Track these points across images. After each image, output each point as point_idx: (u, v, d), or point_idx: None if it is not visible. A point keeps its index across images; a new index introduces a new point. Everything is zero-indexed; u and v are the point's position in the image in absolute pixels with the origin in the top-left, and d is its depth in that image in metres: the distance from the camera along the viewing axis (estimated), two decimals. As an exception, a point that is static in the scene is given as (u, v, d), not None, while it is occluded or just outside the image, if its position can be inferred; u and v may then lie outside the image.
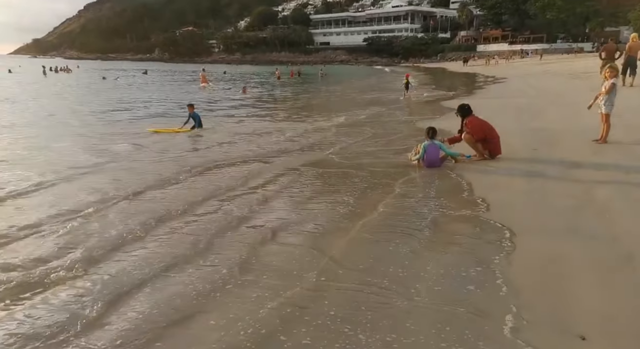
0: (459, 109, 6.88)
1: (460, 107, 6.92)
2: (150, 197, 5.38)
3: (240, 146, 8.68)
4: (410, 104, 16.57)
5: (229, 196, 5.39)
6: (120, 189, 5.57)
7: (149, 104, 17.38)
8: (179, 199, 5.24)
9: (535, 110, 11.90)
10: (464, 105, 6.90)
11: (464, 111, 6.80)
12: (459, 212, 4.53)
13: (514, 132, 8.68)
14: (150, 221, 4.48)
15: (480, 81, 27.85)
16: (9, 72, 40.20)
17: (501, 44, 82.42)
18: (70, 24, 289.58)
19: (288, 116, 13.67)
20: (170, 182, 6.03)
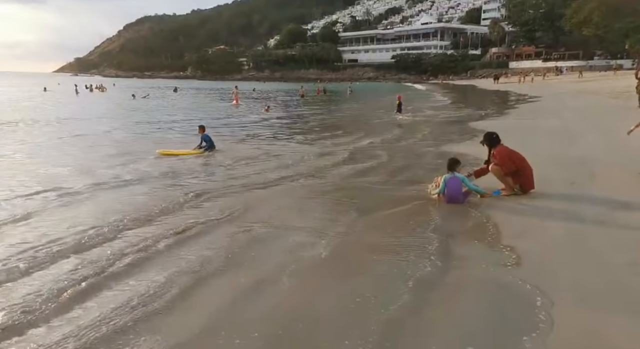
0: (485, 138, 6.12)
1: (486, 136, 6.15)
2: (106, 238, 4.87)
3: (243, 171, 8.16)
4: (433, 125, 15.77)
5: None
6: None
7: (171, 123, 17.33)
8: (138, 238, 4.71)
9: (572, 134, 10.92)
10: (491, 133, 6.14)
11: (491, 140, 6.03)
12: (479, 268, 3.78)
13: (548, 161, 7.81)
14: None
15: (512, 100, 26.70)
16: (44, 90, 41.59)
17: (534, 61, 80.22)
18: (110, 44, 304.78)
19: (304, 137, 13.16)
20: (145, 217, 5.49)
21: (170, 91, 46.60)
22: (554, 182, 6.37)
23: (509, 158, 5.77)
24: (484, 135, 6.18)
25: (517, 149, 8.28)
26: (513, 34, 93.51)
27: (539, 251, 4.10)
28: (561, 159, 7.97)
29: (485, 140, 6.08)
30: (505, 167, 5.77)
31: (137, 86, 72.25)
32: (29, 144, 11.67)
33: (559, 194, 5.81)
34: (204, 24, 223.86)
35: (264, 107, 24.63)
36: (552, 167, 7.33)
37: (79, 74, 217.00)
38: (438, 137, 12.11)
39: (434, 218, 5.20)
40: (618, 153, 8.03)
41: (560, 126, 12.59)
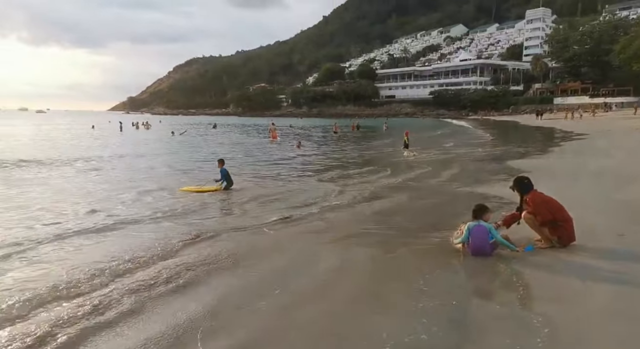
0: (515, 184, 5.39)
1: (517, 180, 5.43)
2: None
3: (255, 210, 7.83)
4: (466, 162, 14.94)
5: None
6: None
7: (201, 161, 17.48)
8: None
9: (623, 176, 9.86)
10: (522, 178, 5.45)
11: (522, 185, 5.32)
12: (501, 344, 3.11)
13: (594, 207, 6.95)
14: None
15: (556, 137, 25.28)
16: (92, 127, 43.84)
17: (581, 97, 77.25)
18: (161, 83, 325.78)
19: (329, 174, 12.77)
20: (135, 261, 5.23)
21: (211, 127, 48.30)
22: (599, 233, 5.54)
23: (544, 207, 5.05)
24: (514, 180, 5.49)
25: (559, 191, 7.49)
26: (557, 69, 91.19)
27: (579, 321, 3.37)
28: (609, 206, 7.07)
29: (516, 185, 5.37)
30: (540, 217, 5.05)
31: (181, 122, 75.78)
32: (55, 180, 12.04)
33: (606, 249, 4.99)
34: (246, 63, 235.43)
35: (295, 144, 24.71)
36: (598, 214, 6.47)
37: (130, 112, 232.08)
38: (470, 177, 11.34)
39: (455, 273, 4.55)
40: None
41: (609, 167, 11.50)
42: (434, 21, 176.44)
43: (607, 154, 14.36)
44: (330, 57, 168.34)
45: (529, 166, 12.59)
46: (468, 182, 10.17)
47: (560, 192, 8.59)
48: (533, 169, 11.92)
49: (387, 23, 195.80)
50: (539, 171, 11.66)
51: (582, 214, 6.41)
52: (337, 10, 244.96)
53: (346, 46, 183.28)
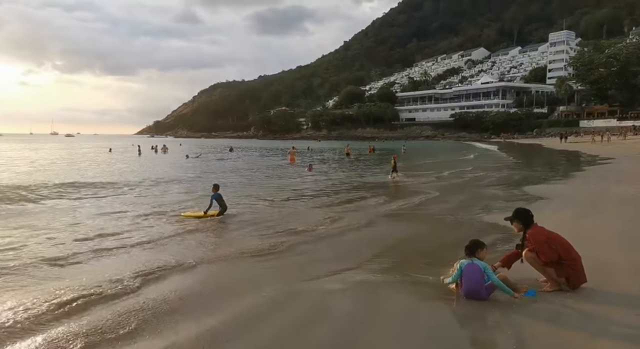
0: (514, 216, 4.67)
1: (517, 213, 4.69)
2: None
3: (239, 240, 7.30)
4: (480, 187, 14.12)
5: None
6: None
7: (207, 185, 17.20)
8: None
9: (633, 200, 8.95)
10: (524, 211, 4.70)
11: (524, 218, 4.61)
12: None
13: (614, 241, 6.17)
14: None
15: (580, 161, 24.07)
16: (109, 151, 43.90)
17: (609, 120, 74.97)
18: (185, 108, 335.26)
19: (330, 200, 12.21)
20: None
21: (227, 150, 48.48)
22: (616, 272, 4.79)
23: (547, 244, 4.35)
24: (515, 211, 4.75)
25: (578, 222, 6.79)
26: (582, 92, 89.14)
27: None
28: (631, 241, 6.25)
29: (516, 218, 4.65)
30: (543, 256, 4.35)
31: (201, 145, 76.97)
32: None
33: (622, 294, 4.24)
34: (267, 87, 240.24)
35: (306, 166, 24.32)
36: (618, 250, 5.70)
37: (155, 135, 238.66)
38: (480, 204, 10.55)
39: (438, 321, 3.89)
40: None
41: (635, 195, 10.55)
42: (455, 45, 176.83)
43: (633, 181, 13.34)
44: (350, 81, 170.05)
45: (547, 192, 11.76)
46: (476, 210, 9.41)
47: (579, 223, 7.85)
48: (552, 196, 11.12)
49: (408, 47, 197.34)
50: (559, 198, 10.85)
51: (600, 250, 5.69)
52: (357, 36, 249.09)
53: (366, 70, 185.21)
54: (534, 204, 10.07)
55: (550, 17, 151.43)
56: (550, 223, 8.05)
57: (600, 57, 78.66)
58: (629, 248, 5.78)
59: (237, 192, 13.54)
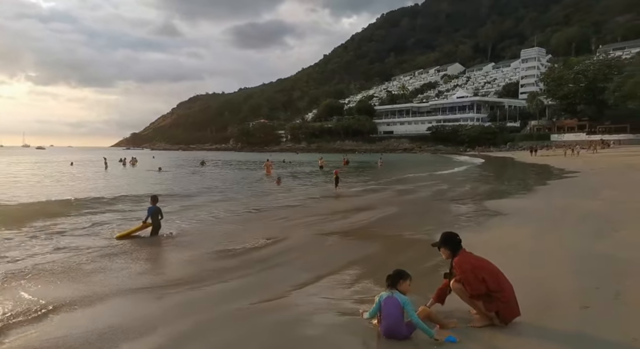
0: (441, 241, 4.10)
1: (443, 238, 4.11)
2: None
3: (163, 267, 6.61)
4: (437, 203, 13.70)
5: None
6: None
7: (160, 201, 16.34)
8: None
9: (609, 221, 8.63)
10: (449, 235, 4.12)
11: (450, 243, 4.05)
12: None
13: (566, 262, 5.73)
14: None
15: (546, 175, 24.12)
16: (70, 164, 40.77)
17: (578, 134, 77.17)
18: (164, 120, 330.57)
19: (287, 213, 11.62)
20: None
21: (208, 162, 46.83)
22: (558, 301, 4.31)
23: (473, 275, 3.80)
24: (442, 235, 4.17)
25: (534, 240, 6.33)
26: (553, 107, 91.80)
27: None
28: (584, 261, 5.81)
29: (443, 243, 4.08)
30: (469, 287, 3.82)
31: (176, 157, 75.42)
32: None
33: (559, 330, 3.72)
34: (247, 100, 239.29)
35: (275, 180, 23.69)
36: (564, 273, 5.24)
37: (131, 147, 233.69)
38: (433, 220, 10.10)
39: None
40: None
41: (596, 209, 10.28)
42: (431, 60, 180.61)
43: (596, 195, 13.17)
44: (330, 94, 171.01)
45: (508, 207, 11.43)
46: (426, 229, 8.91)
47: (535, 241, 7.44)
48: (512, 211, 10.78)
49: (386, 61, 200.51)
50: (518, 214, 10.51)
51: (549, 274, 5.24)
52: (336, 50, 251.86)
53: (346, 83, 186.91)
54: (491, 220, 9.70)
55: (522, 34, 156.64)
56: (504, 242, 7.69)
57: (569, 73, 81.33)
58: (580, 272, 5.34)
59: (191, 209, 12.80)
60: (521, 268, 5.55)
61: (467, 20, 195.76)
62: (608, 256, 5.99)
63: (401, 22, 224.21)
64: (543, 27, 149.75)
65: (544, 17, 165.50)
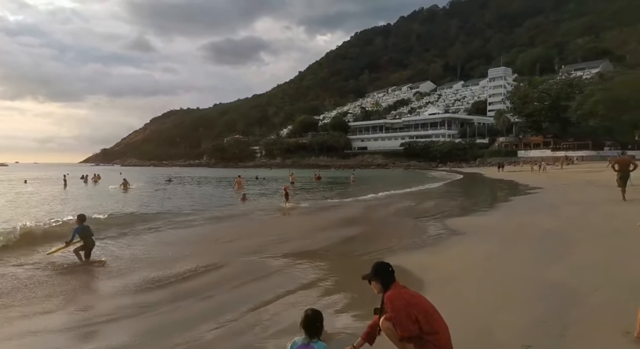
0: (372, 273, 3.56)
1: (375, 270, 3.57)
2: None
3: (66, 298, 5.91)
4: (398, 224, 13.41)
5: None
6: None
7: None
8: None
9: (564, 241, 8.42)
10: (381, 267, 3.57)
11: (382, 276, 3.53)
12: None
13: (513, 289, 5.38)
14: None
15: (510, 191, 24.37)
16: (24, 182, 38.55)
17: (544, 150, 79.83)
18: (136, 135, 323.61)
19: (238, 233, 11.03)
20: None
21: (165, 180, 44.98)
22: (499, 341, 3.90)
23: (405, 312, 3.38)
24: (373, 267, 3.62)
25: (486, 263, 5.95)
26: (520, 124, 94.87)
27: None
28: (531, 289, 5.47)
29: (373, 276, 3.57)
30: (400, 328, 3.35)
31: (144, 173, 73.26)
32: None
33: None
34: (222, 115, 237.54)
35: (240, 197, 23.04)
36: (511, 303, 4.88)
37: (101, 163, 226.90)
38: (389, 241, 9.71)
39: None
40: (615, 282, 5.51)
41: (552, 229, 10.12)
42: (404, 78, 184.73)
43: (556, 212, 13.13)
44: (305, 110, 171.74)
45: (466, 226, 11.19)
46: (379, 249, 8.51)
47: (487, 265, 7.10)
48: (469, 230, 10.52)
49: (360, 79, 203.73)
50: (477, 233, 10.25)
51: (494, 304, 4.85)
52: (312, 67, 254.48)
53: (321, 100, 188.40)
54: (448, 241, 9.40)
55: (489, 55, 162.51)
56: (456, 265, 7.33)
57: (534, 92, 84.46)
58: (525, 303, 4.97)
59: (135, 231, 11.97)
60: (466, 297, 5.18)
61: (437, 40, 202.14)
62: (559, 282, 5.68)
63: (374, 40, 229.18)
64: (509, 47, 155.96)
65: (509, 38, 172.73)
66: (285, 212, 16.40)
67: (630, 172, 13.98)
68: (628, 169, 13.99)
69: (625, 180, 13.92)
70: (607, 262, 6.50)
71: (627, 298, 4.58)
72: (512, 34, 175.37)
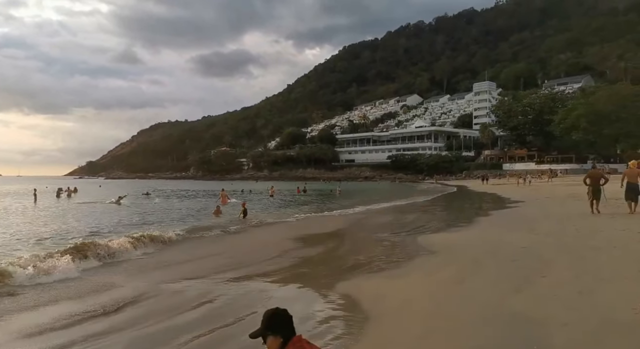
0: (264, 327, 2.66)
1: (270, 322, 2.68)
2: None
3: None
4: (355, 236, 12.73)
5: None
6: None
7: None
8: None
9: (536, 263, 7.76)
10: (278, 318, 2.71)
11: (279, 328, 2.66)
12: None
13: (465, 326, 4.68)
14: None
15: (491, 204, 23.91)
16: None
17: (528, 164, 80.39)
18: (123, 148, 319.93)
19: (192, 254, 10.21)
20: None
21: (143, 194, 43.09)
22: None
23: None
24: (266, 317, 2.71)
25: (446, 290, 5.31)
26: (505, 137, 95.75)
27: None
28: (488, 325, 4.76)
29: (266, 330, 2.66)
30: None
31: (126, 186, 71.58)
32: None
33: None
34: (210, 128, 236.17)
35: (213, 210, 22.23)
36: (460, 344, 4.17)
37: (86, 176, 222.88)
38: (352, 261, 9.00)
39: None
40: (585, 316, 4.85)
41: (527, 245, 9.50)
42: (391, 91, 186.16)
43: (533, 227, 12.54)
44: (293, 122, 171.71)
45: (440, 243, 10.54)
46: (331, 273, 7.76)
47: (445, 292, 6.28)
48: (441, 249, 9.86)
49: (348, 92, 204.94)
50: (447, 251, 9.59)
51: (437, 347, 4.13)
52: (300, 80, 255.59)
53: (309, 112, 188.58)
54: (413, 262, 8.71)
55: (474, 70, 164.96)
56: (413, 292, 6.58)
57: (518, 106, 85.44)
58: (480, 342, 4.29)
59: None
60: (406, 342, 4.42)
61: (423, 55, 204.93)
62: (524, 314, 5.00)
63: (362, 54, 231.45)
64: (493, 62, 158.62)
65: (494, 53, 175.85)
66: (239, 230, 15.37)
67: (601, 186, 13.90)
68: (599, 183, 13.93)
69: (598, 194, 13.91)
70: (579, 289, 5.85)
71: (594, 337, 3.91)
72: (497, 50, 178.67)
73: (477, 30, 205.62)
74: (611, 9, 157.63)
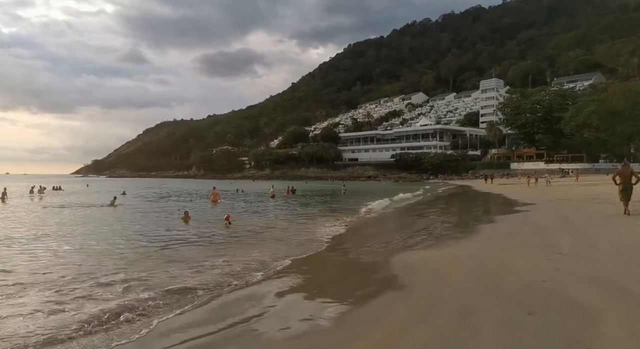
0: None
1: None
2: None
3: None
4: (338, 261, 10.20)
5: None
6: None
7: None
8: None
9: (571, 318, 5.02)
10: None
11: None
12: None
13: None
14: None
15: (496, 208, 21.07)
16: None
17: (537, 163, 77.22)
18: (129, 146, 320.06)
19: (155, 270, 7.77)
20: None
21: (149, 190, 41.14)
22: None
23: None
24: None
25: None
26: (512, 136, 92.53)
27: None
28: None
29: None
30: None
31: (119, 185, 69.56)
32: None
33: None
34: (213, 126, 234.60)
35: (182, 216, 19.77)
36: None
37: (91, 174, 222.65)
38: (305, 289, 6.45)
39: None
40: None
41: (547, 278, 6.74)
42: (396, 89, 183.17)
43: (546, 242, 9.87)
44: (296, 121, 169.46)
45: (419, 268, 7.84)
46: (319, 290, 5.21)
47: None
48: (416, 280, 7.16)
49: (353, 90, 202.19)
50: (424, 285, 6.76)
51: None
52: (304, 78, 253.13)
53: (313, 111, 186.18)
54: (362, 309, 6.11)
55: (480, 67, 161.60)
56: None
57: (526, 103, 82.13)
58: None
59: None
60: None
61: (429, 53, 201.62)
62: None
63: (367, 52, 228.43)
64: (500, 60, 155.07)
65: (501, 51, 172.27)
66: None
67: (632, 184, 12.65)
68: (630, 181, 12.70)
69: (629, 193, 12.69)
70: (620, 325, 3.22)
71: None
72: (504, 47, 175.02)
73: (484, 27, 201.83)
74: (621, 6, 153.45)
